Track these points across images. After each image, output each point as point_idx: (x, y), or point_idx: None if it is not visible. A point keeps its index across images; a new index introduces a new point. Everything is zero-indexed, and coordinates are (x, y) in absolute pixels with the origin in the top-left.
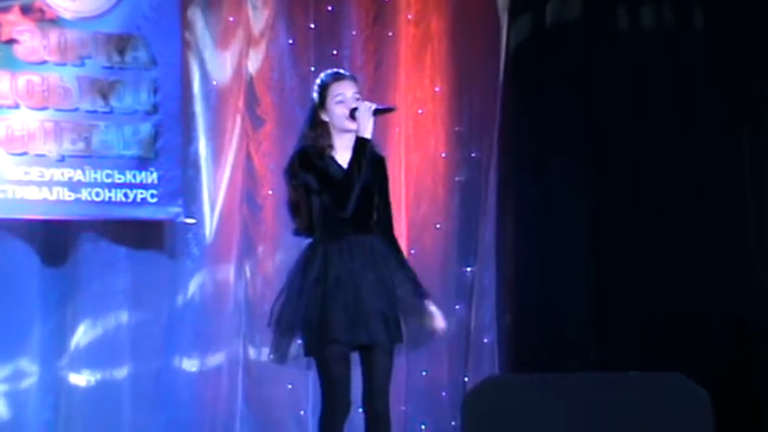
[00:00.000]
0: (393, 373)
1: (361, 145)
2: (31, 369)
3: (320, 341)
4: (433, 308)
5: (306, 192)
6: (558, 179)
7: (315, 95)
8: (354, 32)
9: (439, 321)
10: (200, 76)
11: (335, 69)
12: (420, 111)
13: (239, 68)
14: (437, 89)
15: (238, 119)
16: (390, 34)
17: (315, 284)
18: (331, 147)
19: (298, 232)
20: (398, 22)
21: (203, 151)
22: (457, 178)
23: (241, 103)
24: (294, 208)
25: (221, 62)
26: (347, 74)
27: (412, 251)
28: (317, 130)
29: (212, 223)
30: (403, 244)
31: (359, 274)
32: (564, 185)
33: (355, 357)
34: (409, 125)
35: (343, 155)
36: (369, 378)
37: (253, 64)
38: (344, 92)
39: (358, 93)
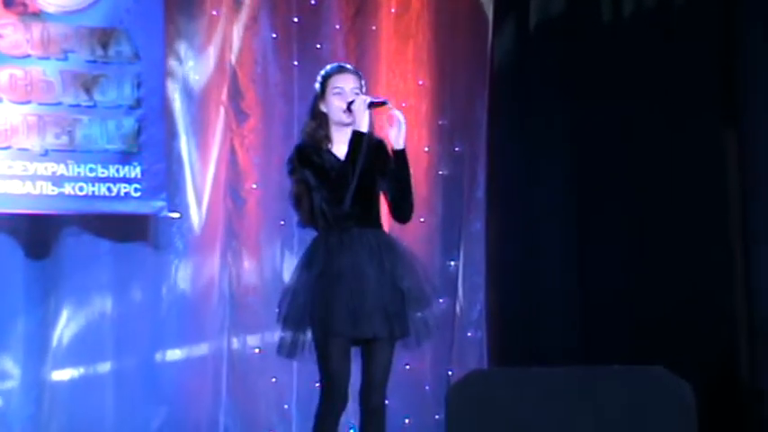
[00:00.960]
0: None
1: (356, 138)
2: (14, 363)
3: (321, 335)
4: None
5: (306, 186)
6: (545, 174)
7: (317, 86)
8: (338, 26)
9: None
10: (183, 71)
11: (340, 63)
12: (403, 104)
13: (222, 62)
14: (420, 83)
15: (222, 113)
16: (373, 28)
17: (318, 279)
18: (329, 139)
19: (302, 224)
20: (381, 16)
21: (187, 146)
22: (440, 172)
23: (225, 98)
24: (296, 201)
25: (204, 56)
26: (351, 68)
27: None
28: (316, 120)
29: (196, 217)
30: None
31: (361, 268)
32: (551, 180)
33: (355, 351)
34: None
35: (340, 148)
36: (368, 372)
37: (236, 58)
38: (344, 85)
39: (358, 88)
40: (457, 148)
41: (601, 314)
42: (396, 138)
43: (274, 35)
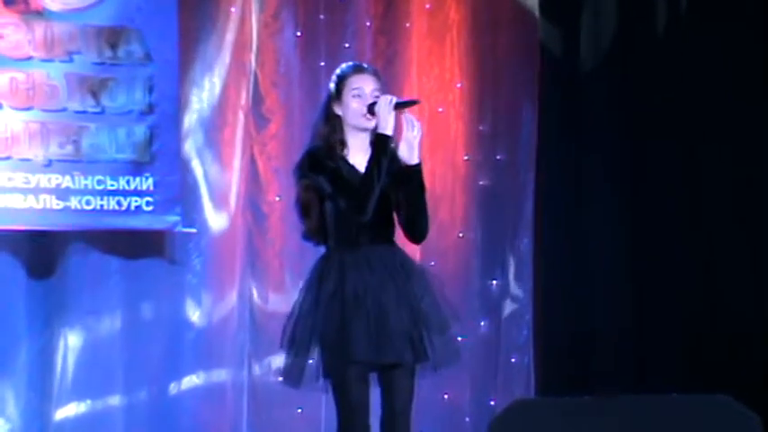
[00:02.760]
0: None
1: (380, 142)
2: (14, 399)
3: (339, 362)
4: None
5: (317, 195)
6: (599, 187)
7: (331, 86)
8: (368, 23)
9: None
10: (199, 73)
11: (357, 62)
12: (439, 109)
13: (242, 63)
14: (459, 85)
15: (241, 118)
16: (407, 25)
17: (331, 299)
18: (343, 144)
19: (306, 236)
20: (414, 12)
21: (203, 155)
22: (480, 182)
23: (244, 102)
24: (303, 209)
25: (222, 57)
26: (370, 68)
27: (431, 263)
28: (330, 124)
29: (214, 233)
30: (420, 254)
31: (379, 289)
32: (605, 194)
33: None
34: (427, 124)
35: (356, 156)
36: (389, 400)
37: (256, 58)
38: (363, 86)
39: (378, 90)
40: (499, 157)
41: (657, 339)
42: (410, 151)
43: (298, 33)
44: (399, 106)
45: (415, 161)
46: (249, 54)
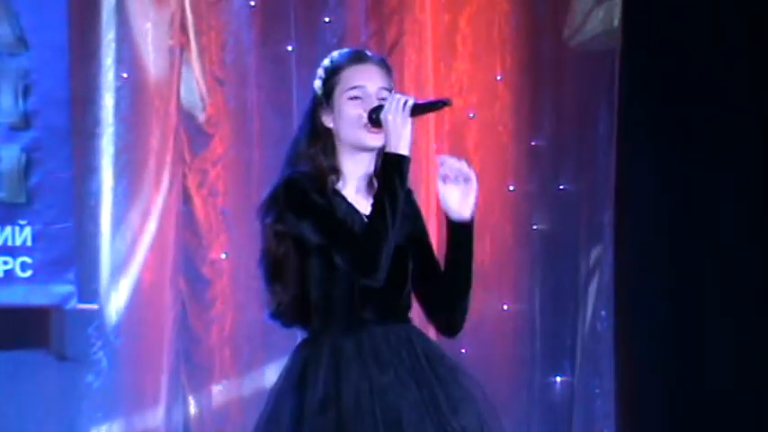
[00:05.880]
0: None
1: (392, 165)
2: None
3: None
4: None
5: (297, 247)
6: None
7: (317, 85)
8: None
9: None
10: (104, 66)
11: (356, 48)
12: (470, 115)
13: (170, 51)
14: (499, 78)
15: (168, 133)
16: None
17: (321, 412)
18: (336, 171)
19: (277, 313)
20: None
21: (110, 191)
22: (535, 226)
23: (173, 108)
24: (274, 269)
25: (140, 41)
26: (374, 56)
27: (462, 350)
28: (317, 142)
29: (127, 311)
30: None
31: (393, 392)
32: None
33: None
34: (452, 138)
35: (354, 187)
36: None
37: (193, 43)
38: (365, 83)
39: (387, 89)
40: (563, 186)
41: None
42: (460, 204)
43: (253, 2)
44: (419, 110)
45: (467, 216)
46: (180, 35)
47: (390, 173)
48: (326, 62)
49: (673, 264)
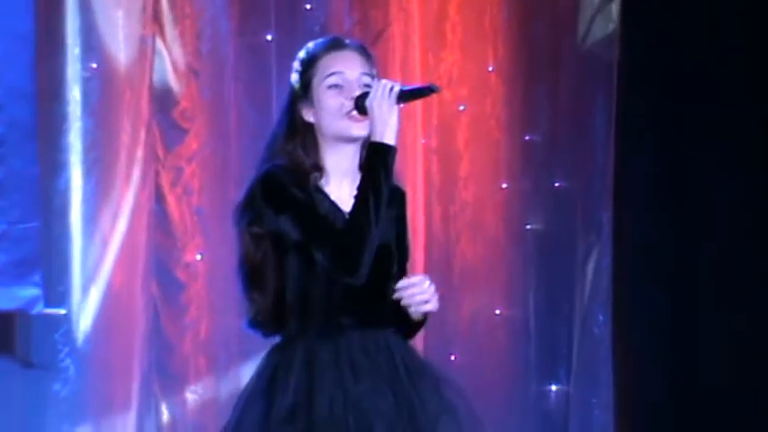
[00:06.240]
0: None
1: (378, 155)
2: None
3: None
4: None
5: (275, 246)
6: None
7: (294, 77)
8: None
9: None
10: (72, 56)
11: (335, 35)
12: (460, 107)
13: (142, 40)
14: (490, 69)
15: (141, 128)
16: None
17: (289, 421)
18: (318, 168)
19: (255, 321)
20: None
21: (78, 189)
22: (529, 226)
23: (145, 101)
24: (253, 273)
25: (110, 30)
26: (352, 42)
27: (451, 356)
28: (296, 137)
29: (96, 316)
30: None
31: (368, 400)
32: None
33: None
34: (438, 131)
35: (338, 184)
36: None
37: (167, 32)
38: (345, 70)
39: (369, 75)
40: (558, 184)
41: None
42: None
43: None
44: (406, 97)
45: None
46: (153, 23)
47: (375, 164)
48: (302, 54)
49: (672, 263)
